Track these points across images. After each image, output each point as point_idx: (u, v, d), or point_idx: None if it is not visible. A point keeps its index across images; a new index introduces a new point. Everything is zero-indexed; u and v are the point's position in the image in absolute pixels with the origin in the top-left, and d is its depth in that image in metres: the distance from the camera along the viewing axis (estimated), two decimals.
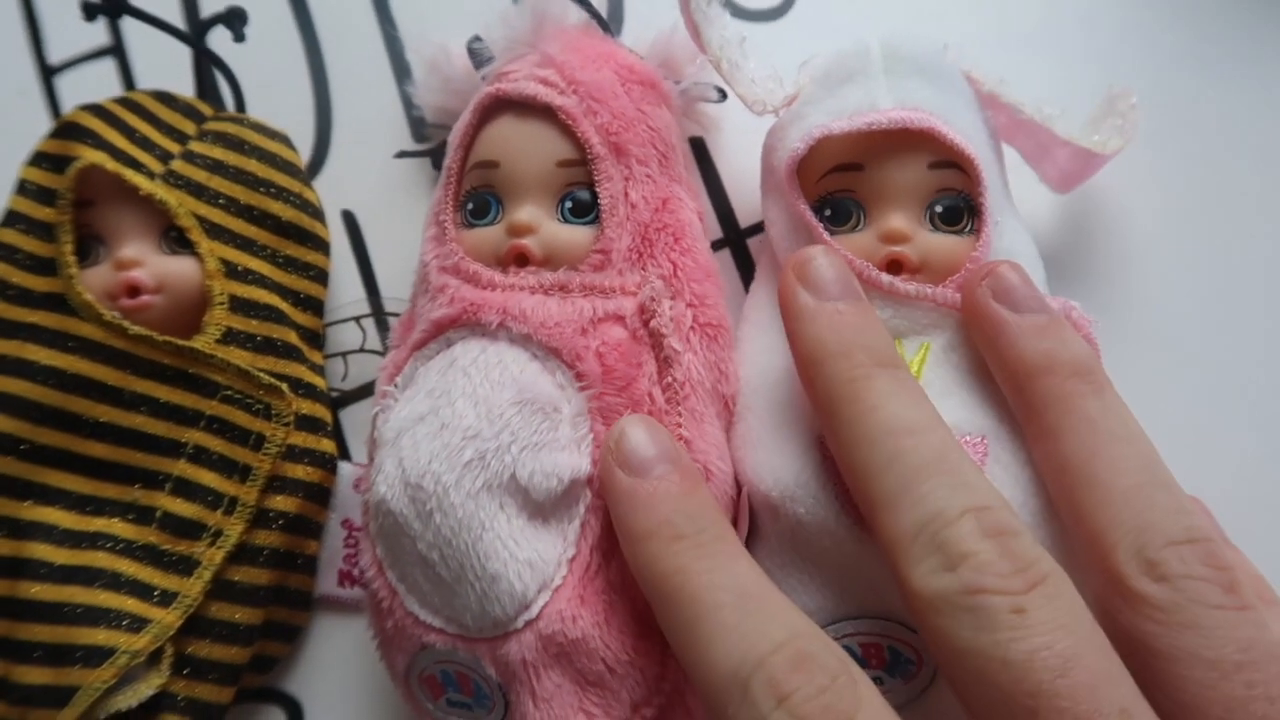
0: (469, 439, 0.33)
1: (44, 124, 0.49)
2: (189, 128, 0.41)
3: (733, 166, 0.46)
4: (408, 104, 0.48)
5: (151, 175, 0.39)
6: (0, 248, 0.38)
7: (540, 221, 0.37)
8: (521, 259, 0.37)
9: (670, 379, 0.35)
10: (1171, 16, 0.46)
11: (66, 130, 0.39)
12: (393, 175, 0.47)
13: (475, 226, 0.38)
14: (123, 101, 0.41)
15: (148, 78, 0.50)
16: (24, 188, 0.39)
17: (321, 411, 0.41)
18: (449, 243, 0.37)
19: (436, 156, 0.46)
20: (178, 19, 0.48)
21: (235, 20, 0.41)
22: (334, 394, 0.43)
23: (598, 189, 0.37)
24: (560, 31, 0.40)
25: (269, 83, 0.48)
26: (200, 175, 0.40)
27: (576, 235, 0.37)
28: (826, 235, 0.36)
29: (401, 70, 0.49)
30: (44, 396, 0.36)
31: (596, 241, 0.37)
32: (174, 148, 0.41)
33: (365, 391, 0.44)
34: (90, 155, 0.38)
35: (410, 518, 0.34)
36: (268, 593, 0.38)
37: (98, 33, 0.51)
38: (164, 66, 0.50)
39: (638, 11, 0.47)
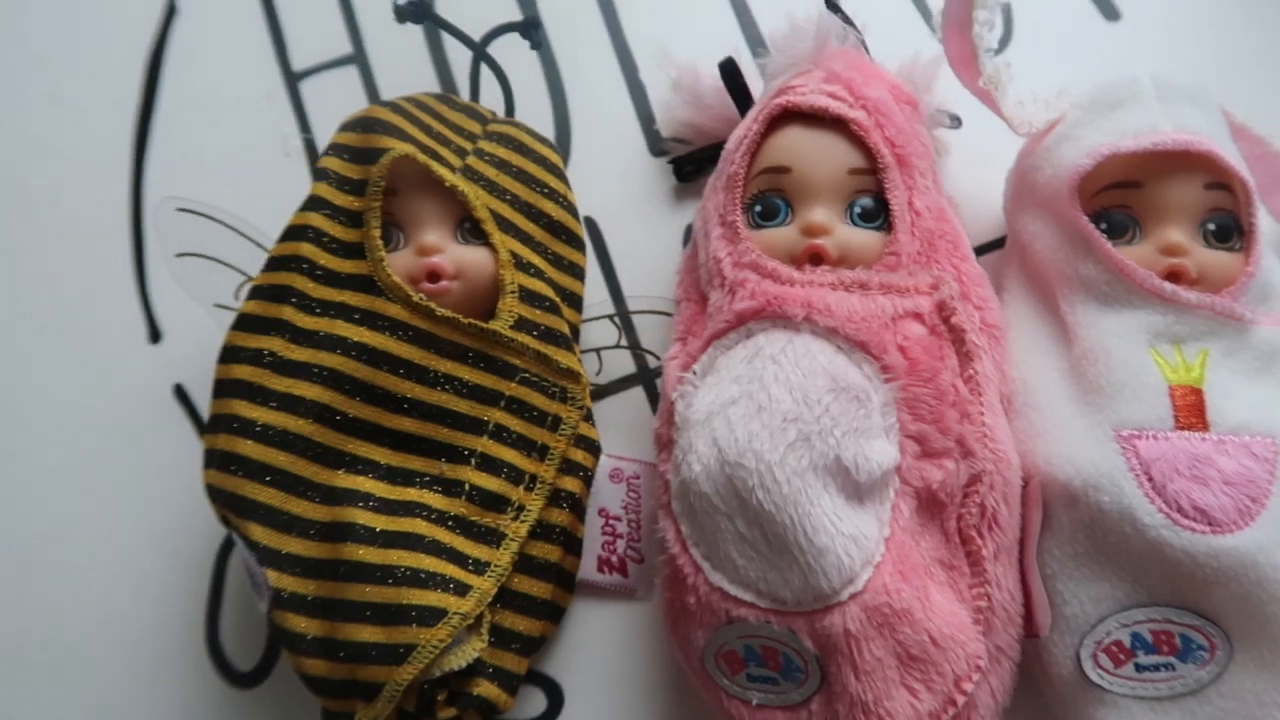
0: (790, 421, 0.35)
1: (289, 125, 0.52)
2: (475, 128, 0.44)
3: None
4: (644, 119, 0.51)
5: (452, 169, 0.41)
6: (309, 231, 0.40)
7: (834, 224, 0.39)
8: (817, 258, 0.39)
9: (971, 372, 0.37)
10: None
11: (368, 124, 0.42)
12: (631, 184, 0.50)
13: (763, 228, 0.40)
14: (413, 101, 0.44)
15: (387, 84, 0.53)
16: (326, 175, 0.41)
17: (589, 402, 0.42)
18: (743, 241, 0.40)
19: (679, 167, 0.49)
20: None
21: (532, 29, 0.44)
22: (590, 388, 0.45)
23: (888, 196, 0.39)
24: (839, 51, 0.42)
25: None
26: (490, 172, 0.42)
27: (867, 238, 0.39)
28: (1109, 245, 0.38)
29: (635, 86, 0.52)
30: (356, 371, 0.38)
31: (888, 245, 0.39)
32: (466, 145, 0.43)
33: (617, 386, 0.46)
34: (400, 147, 0.40)
35: (727, 495, 0.35)
36: (556, 570, 0.39)
37: (340, 42, 0.54)
38: (402, 75, 0.53)
39: None
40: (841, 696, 0.34)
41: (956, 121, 0.47)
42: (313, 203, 0.41)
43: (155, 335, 0.49)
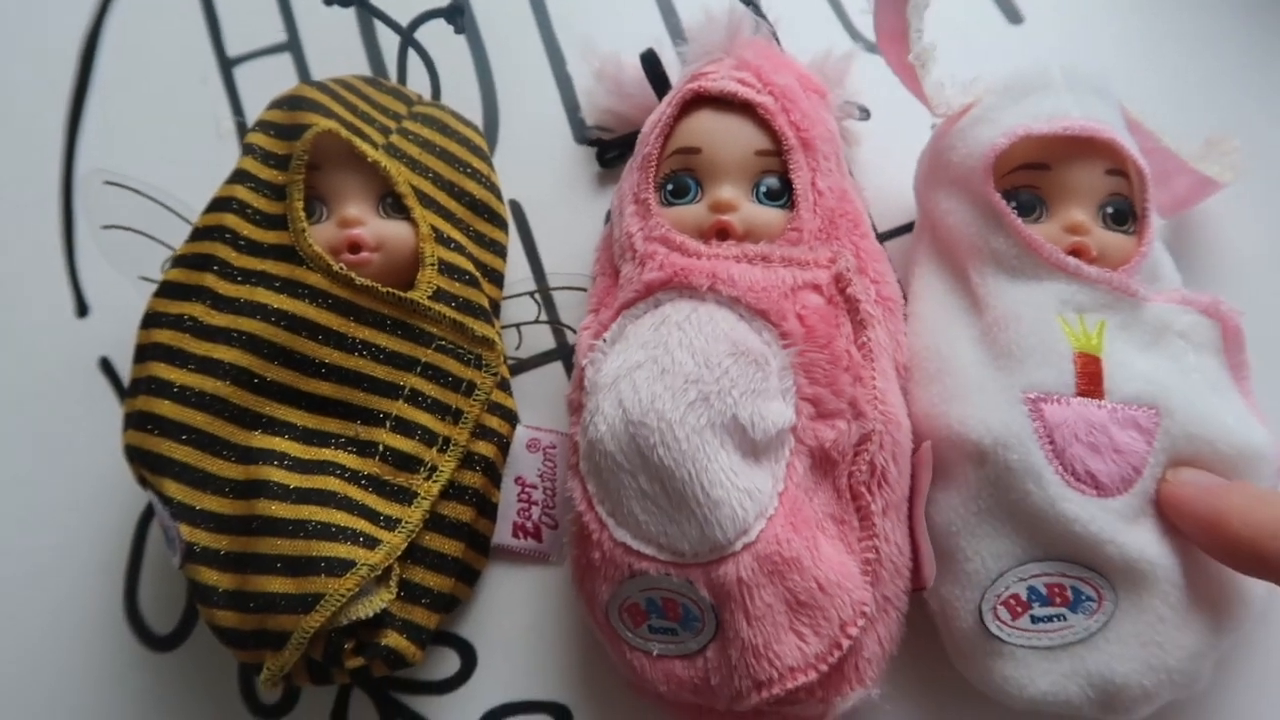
0: (691, 382, 0.37)
1: (224, 109, 0.53)
2: (400, 108, 0.45)
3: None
4: (570, 108, 0.53)
5: (375, 146, 0.43)
6: (233, 202, 0.41)
7: (740, 201, 0.41)
8: (724, 233, 0.41)
9: (865, 339, 0.39)
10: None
11: (294, 102, 0.43)
12: (556, 170, 0.52)
13: (675, 205, 0.42)
14: (340, 82, 0.45)
15: (320, 71, 0.54)
16: (252, 150, 0.42)
17: (506, 373, 0.44)
18: (654, 217, 0.41)
19: (601, 153, 0.51)
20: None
21: (456, 15, 0.45)
22: (510, 362, 0.47)
23: (791, 176, 0.41)
24: (750, 41, 0.44)
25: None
26: (414, 150, 0.44)
27: (771, 215, 0.41)
28: (1019, 221, 0.40)
29: (562, 77, 0.53)
30: (275, 336, 0.39)
31: (791, 221, 0.41)
32: (390, 124, 0.44)
33: (537, 361, 0.47)
34: (323, 123, 0.42)
35: (630, 453, 0.37)
36: (468, 530, 0.41)
37: (274, 30, 0.55)
38: (335, 62, 0.54)
39: None
40: (734, 642, 0.35)
41: (865, 113, 0.49)
42: (237, 176, 0.42)
43: (82, 309, 0.49)
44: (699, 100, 0.43)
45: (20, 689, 0.44)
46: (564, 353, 0.48)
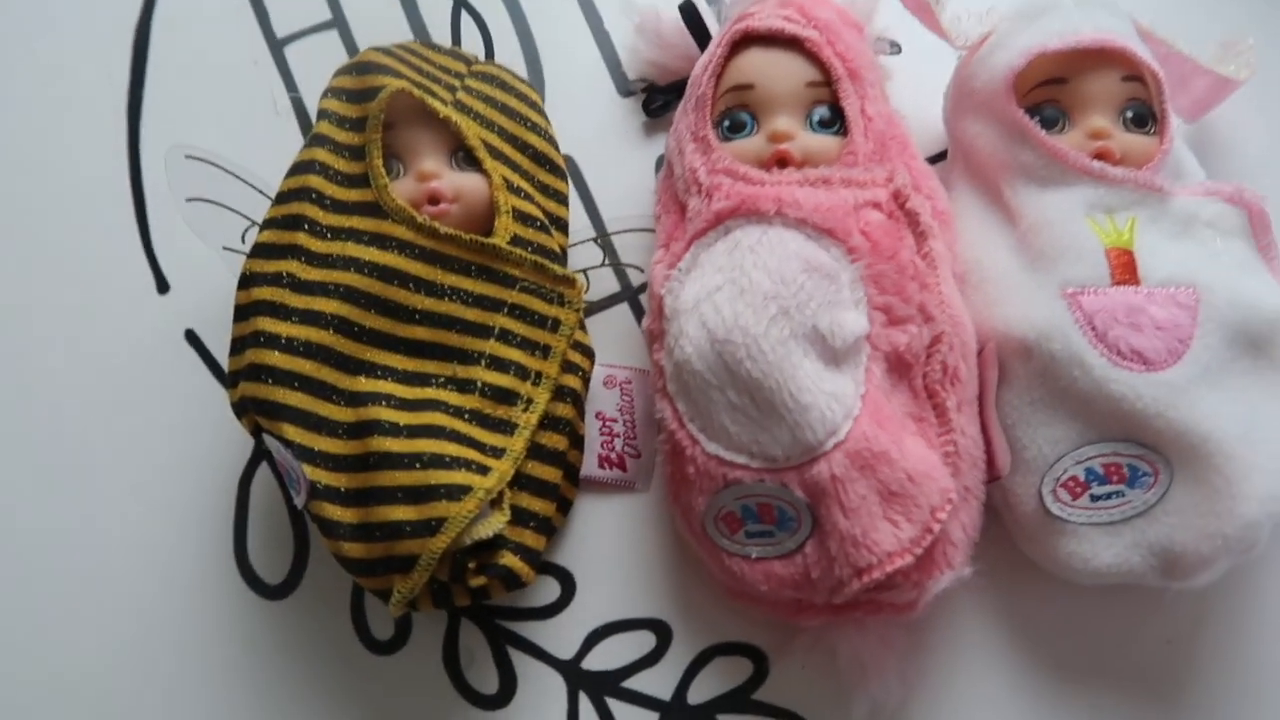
0: (770, 299, 0.39)
1: (279, 87, 0.55)
2: (460, 68, 0.47)
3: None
4: (611, 63, 0.55)
5: (444, 103, 0.45)
6: (315, 165, 0.43)
7: (796, 130, 0.44)
8: (783, 162, 0.43)
9: (927, 249, 0.42)
10: None
11: (363, 67, 0.45)
12: (603, 123, 0.54)
13: (732, 140, 0.44)
14: (402, 47, 0.47)
15: (366, 44, 0.56)
16: (326, 115, 0.45)
17: (583, 306, 0.46)
18: (715, 151, 0.44)
19: (648, 102, 0.53)
20: None
21: None
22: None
23: (842, 104, 0.44)
24: None
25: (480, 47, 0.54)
26: (479, 106, 0.46)
27: (826, 142, 0.44)
28: (1043, 133, 0.43)
29: (600, 34, 0.56)
30: (370, 287, 0.41)
31: (846, 146, 0.43)
32: (454, 83, 0.46)
33: (604, 303, 0.50)
34: (395, 83, 0.44)
35: (718, 369, 0.39)
36: (564, 459, 0.43)
37: (319, 8, 0.57)
38: (380, 36, 0.56)
39: None
40: (832, 534, 0.38)
41: (896, 47, 0.51)
42: (316, 140, 0.44)
43: (163, 286, 0.51)
44: (747, 39, 0.45)
45: (141, 647, 0.46)
46: (629, 294, 0.50)
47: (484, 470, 0.39)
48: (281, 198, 0.44)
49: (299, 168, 0.44)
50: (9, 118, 0.55)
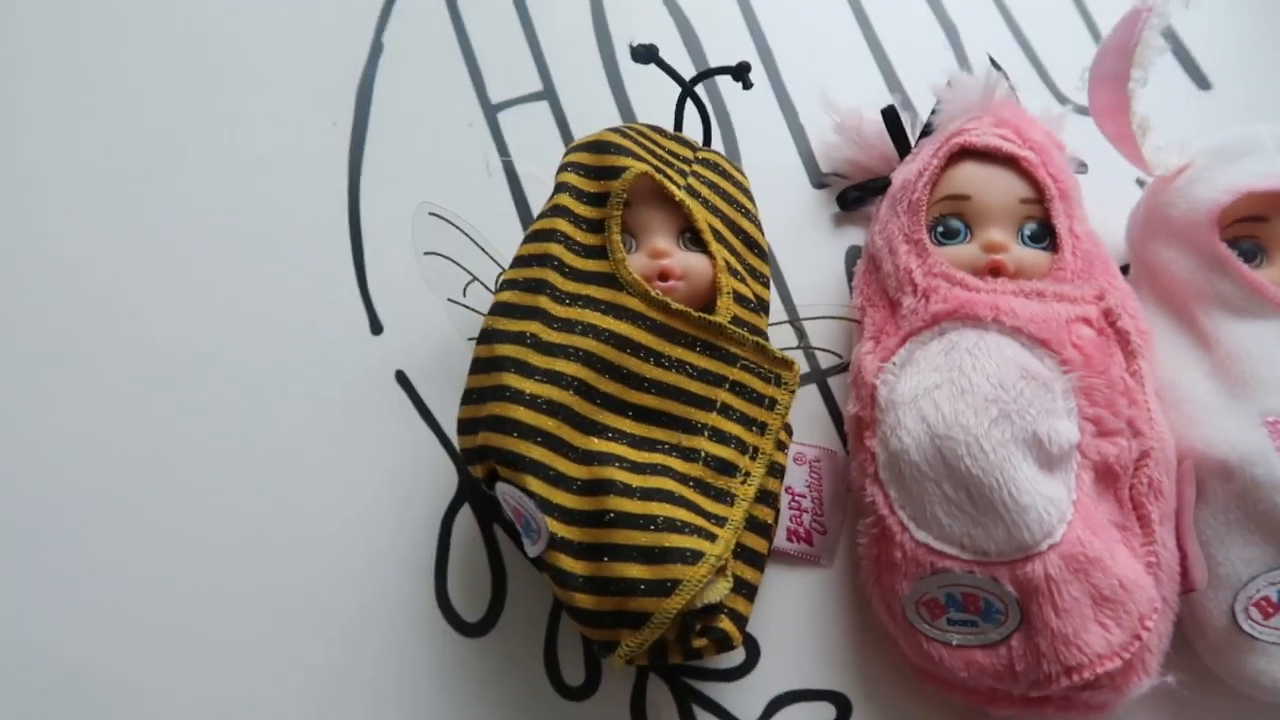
0: (990, 401, 0.42)
1: (491, 150, 0.59)
2: (687, 153, 0.51)
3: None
4: (805, 157, 0.58)
5: (677, 187, 0.48)
6: (557, 234, 0.47)
7: (1010, 243, 0.47)
8: (997, 271, 0.46)
9: (1135, 366, 0.44)
10: None
11: (602, 146, 0.48)
12: (796, 213, 0.57)
13: (945, 245, 0.47)
14: (634, 129, 0.50)
15: (574, 116, 0.60)
16: (566, 188, 0.48)
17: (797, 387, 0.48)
18: (931, 255, 0.47)
19: (843, 197, 0.56)
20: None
21: (744, 72, 0.51)
22: None
23: (1054, 222, 0.47)
24: (1005, 101, 0.50)
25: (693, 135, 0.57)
26: (705, 191, 0.49)
27: (1037, 256, 0.47)
28: (1245, 268, 0.45)
29: (796, 129, 0.59)
30: (606, 353, 0.44)
31: (1056, 262, 0.46)
32: (685, 167, 0.50)
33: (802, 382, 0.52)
34: (638, 166, 0.47)
35: (935, 463, 0.42)
36: (770, 531, 0.45)
37: (531, 80, 0.61)
38: (586, 108, 0.60)
39: None
40: (1043, 632, 0.40)
41: (1083, 167, 0.54)
42: (557, 210, 0.47)
43: (377, 328, 0.55)
44: (964, 153, 0.49)
45: (345, 678, 0.48)
46: (817, 377, 0.53)
47: (710, 537, 0.42)
48: (523, 261, 0.47)
49: (541, 235, 0.47)
50: (238, 160, 0.59)
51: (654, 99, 0.57)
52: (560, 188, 0.48)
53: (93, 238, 0.57)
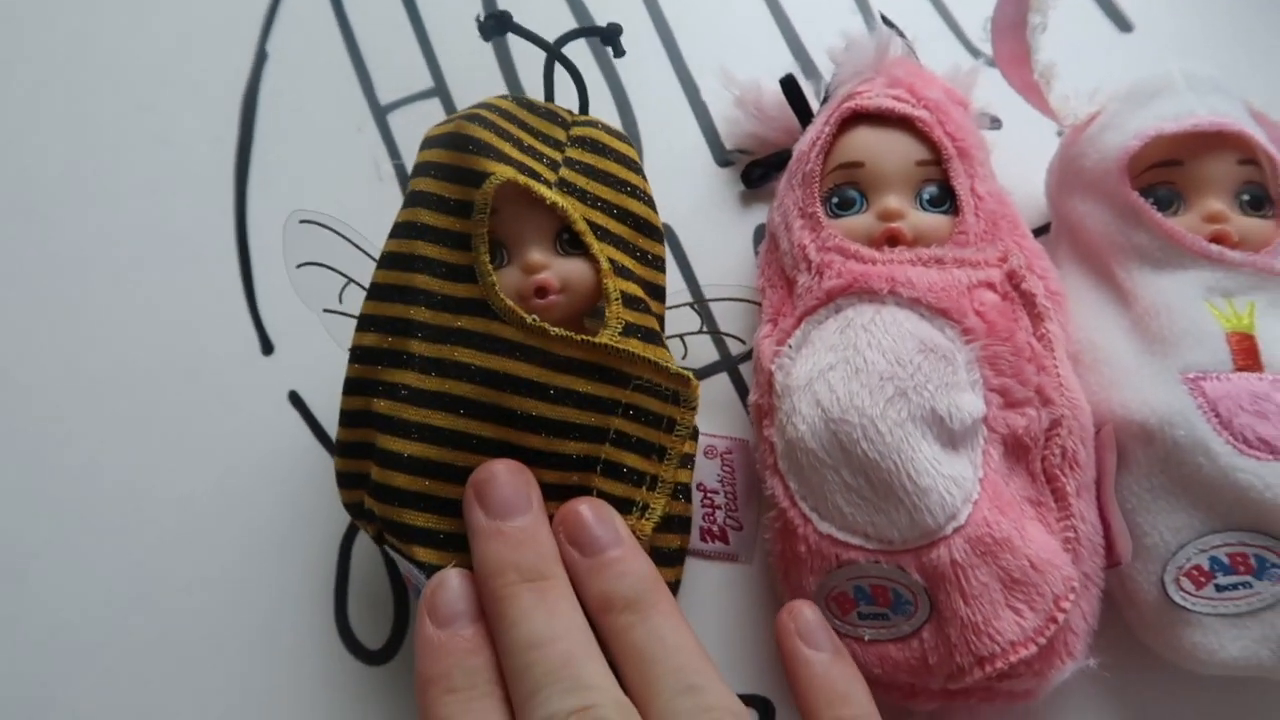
0: (886, 379, 0.39)
1: (382, 154, 0.56)
2: (559, 134, 0.46)
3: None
4: (708, 134, 0.56)
5: (548, 184, 0.44)
6: (419, 260, 0.42)
7: (907, 209, 0.44)
8: (894, 240, 0.43)
9: (1043, 330, 0.41)
10: None
11: (459, 142, 0.43)
12: (700, 193, 0.54)
13: (841, 217, 0.45)
14: (495, 110, 0.45)
15: None
16: (424, 199, 0.43)
17: (698, 404, 0.45)
18: (825, 229, 0.44)
19: (748, 173, 0.53)
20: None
21: (614, 36, 0.48)
22: None
23: (953, 183, 0.44)
24: (897, 59, 0.47)
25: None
26: (581, 181, 0.45)
27: (936, 221, 0.44)
28: (1159, 216, 0.42)
29: (697, 105, 0.56)
30: (482, 395, 0.40)
31: (957, 226, 0.43)
32: (555, 155, 0.45)
33: (703, 372, 0.50)
34: (501, 170, 0.42)
35: (832, 449, 0.39)
36: (680, 555, 0.43)
37: (421, 77, 0.59)
38: None
39: None
40: (952, 621, 0.37)
41: (998, 123, 0.52)
42: (415, 230, 0.42)
43: (268, 348, 0.52)
44: (856, 117, 0.46)
45: (241, 711, 0.46)
46: (728, 364, 0.50)
47: None
48: (382, 293, 0.42)
49: (400, 261, 0.42)
50: (118, 178, 0.57)
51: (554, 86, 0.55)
52: (416, 199, 0.43)
53: None
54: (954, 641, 0.37)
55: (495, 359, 0.40)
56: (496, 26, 0.48)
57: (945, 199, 0.44)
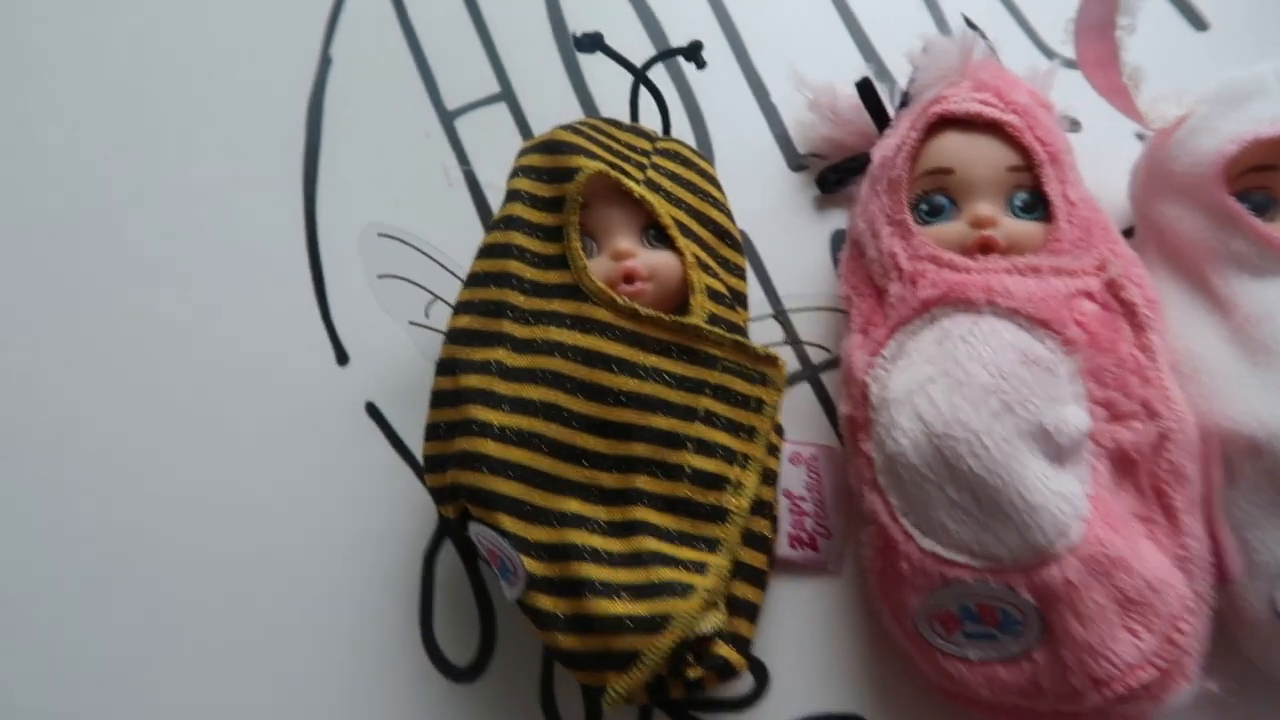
0: (989, 393, 0.38)
1: (450, 159, 0.56)
2: (645, 145, 0.47)
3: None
4: (780, 138, 0.55)
5: (636, 182, 0.45)
6: (512, 248, 0.43)
7: (999, 216, 0.43)
8: (987, 248, 0.43)
9: (1146, 341, 0.41)
10: None
11: (553, 146, 0.45)
12: (774, 198, 0.54)
13: (930, 224, 0.44)
14: (587, 124, 0.47)
15: (534, 116, 0.57)
16: (519, 195, 0.45)
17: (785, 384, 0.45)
18: (915, 236, 0.43)
19: (823, 178, 0.53)
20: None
21: (696, 52, 0.47)
22: None
23: (1045, 189, 0.43)
24: (984, 62, 0.46)
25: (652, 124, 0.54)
26: (667, 183, 0.46)
27: (1030, 228, 0.43)
28: (1258, 222, 0.42)
29: (768, 109, 0.56)
30: (575, 371, 0.41)
31: (1050, 233, 0.43)
32: (643, 160, 0.46)
33: (787, 382, 0.49)
34: (592, 165, 0.44)
35: (936, 465, 0.38)
36: (768, 544, 0.42)
37: (488, 82, 0.58)
38: (547, 107, 0.57)
39: None
40: (1066, 642, 0.37)
41: (1076, 125, 0.51)
42: (511, 222, 0.44)
43: (343, 358, 0.52)
44: (943, 123, 0.45)
45: None
46: (809, 373, 0.50)
47: (700, 566, 0.39)
48: (478, 280, 0.44)
49: (496, 250, 0.44)
50: (188, 192, 0.56)
51: (618, 92, 0.54)
52: (512, 196, 0.45)
53: (41, 284, 0.55)
54: (1069, 664, 0.37)
55: (587, 338, 0.41)
56: (590, 44, 0.48)
57: (1037, 205, 0.44)
